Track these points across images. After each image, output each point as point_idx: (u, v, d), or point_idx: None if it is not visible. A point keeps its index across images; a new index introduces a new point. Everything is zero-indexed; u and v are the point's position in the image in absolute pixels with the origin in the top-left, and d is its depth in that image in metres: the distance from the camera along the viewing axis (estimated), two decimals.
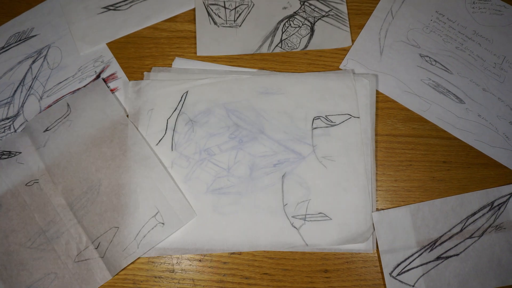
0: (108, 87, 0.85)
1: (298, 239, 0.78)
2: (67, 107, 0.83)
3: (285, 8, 0.91)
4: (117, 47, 0.89)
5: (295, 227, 0.78)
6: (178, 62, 0.87)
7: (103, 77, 0.87)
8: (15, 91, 0.86)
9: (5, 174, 0.80)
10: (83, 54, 0.88)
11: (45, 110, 0.84)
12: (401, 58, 0.87)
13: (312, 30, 0.90)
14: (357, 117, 0.82)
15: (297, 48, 0.88)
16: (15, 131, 0.84)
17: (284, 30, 0.90)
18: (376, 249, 0.78)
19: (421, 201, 0.80)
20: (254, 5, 0.91)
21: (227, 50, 0.89)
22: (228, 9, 0.91)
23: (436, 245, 0.76)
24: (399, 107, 0.85)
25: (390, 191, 0.81)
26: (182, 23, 0.91)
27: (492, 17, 0.90)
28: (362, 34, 0.89)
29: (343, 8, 0.91)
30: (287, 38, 0.89)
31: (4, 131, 0.84)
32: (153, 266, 0.78)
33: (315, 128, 0.82)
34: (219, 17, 0.90)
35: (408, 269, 0.76)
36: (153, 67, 0.87)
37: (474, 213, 0.78)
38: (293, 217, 0.78)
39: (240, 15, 0.90)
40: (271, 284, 0.77)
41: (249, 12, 0.91)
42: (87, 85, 0.86)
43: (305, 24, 0.90)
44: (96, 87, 0.85)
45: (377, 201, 0.81)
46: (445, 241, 0.77)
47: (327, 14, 0.90)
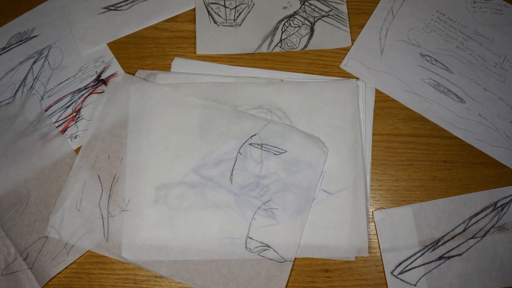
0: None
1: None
2: None
3: (285, 7, 0.91)
4: (117, 47, 0.89)
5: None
6: (177, 62, 0.87)
7: (103, 77, 0.87)
8: (16, 91, 0.86)
9: None
10: (84, 54, 0.88)
11: None
12: (402, 58, 0.87)
13: (312, 30, 0.90)
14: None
15: (296, 48, 0.88)
16: None
17: (284, 30, 0.90)
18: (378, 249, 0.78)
19: (422, 201, 0.80)
20: (254, 4, 0.91)
21: (226, 49, 0.89)
22: (228, 8, 0.91)
23: (439, 244, 0.76)
24: (399, 106, 0.85)
25: (391, 191, 0.81)
26: (183, 23, 0.91)
27: (492, 16, 0.90)
28: (363, 34, 0.89)
29: (343, 8, 0.91)
30: (286, 38, 0.89)
31: None
32: None
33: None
34: (219, 16, 0.90)
35: (410, 268, 0.76)
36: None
37: (477, 214, 0.78)
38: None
39: (240, 14, 0.90)
40: None
41: (249, 12, 0.91)
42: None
43: (305, 24, 0.90)
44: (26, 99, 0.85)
45: (378, 200, 0.80)
46: (447, 241, 0.76)
47: (327, 14, 0.90)
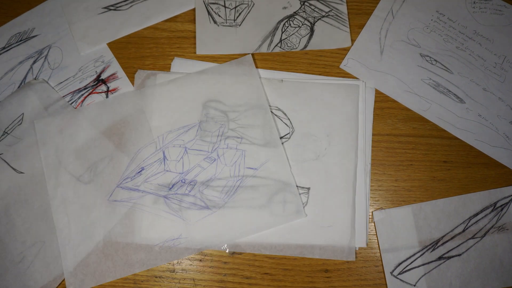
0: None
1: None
2: None
3: (285, 8, 0.91)
4: (117, 47, 0.89)
5: None
6: (177, 62, 0.87)
7: (103, 77, 0.87)
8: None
9: None
10: (84, 54, 0.88)
11: None
12: (402, 58, 0.87)
13: (312, 30, 0.90)
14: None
15: (296, 48, 0.88)
16: None
17: (284, 30, 0.90)
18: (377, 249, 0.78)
19: (421, 201, 0.80)
20: (254, 4, 0.91)
21: (226, 49, 0.89)
22: (228, 8, 0.91)
23: (438, 245, 0.76)
24: (399, 106, 0.85)
25: (391, 191, 0.81)
26: (183, 23, 0.91)
27: (492, 17, 0.90)
28: (363, 34, 0.89)
29: (343, 8, 0.91)
30: (286, 38, 0.89)
31: None
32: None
33: None
34: (219, 16, 0.90)
35: (410, 269, 0.76)
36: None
37: (477, 214, 0.78)
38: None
39: (240, 14, 0.90)
40: (271, 284, 0.77)
41: (249, 12, 0.91)
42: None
43: (305, 24, 0.90)
44: None
45: (377, 200, 0.81)
46: (447, 241, 0.76)
47: (327, 14, 0.90)
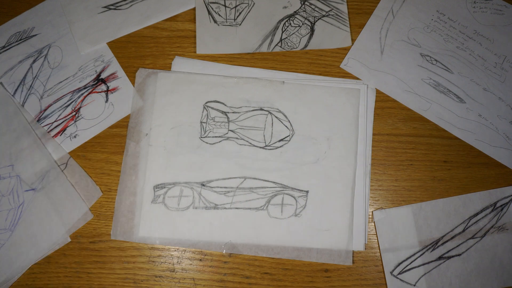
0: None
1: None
2: None
3: (285, 7, 0.91)
4: (117, 46, 0.89)
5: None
6: (178, 61, 0.87)
7: (103, 76, 0.87)
8: (16, 90, 0.86)
9: None
10: (84, 53, 0.88)
11: None
12: (402, 58, 0.87)
13: (312, 30, 0.90)
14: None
15: (296, 48, 0.88)
16: None
17: (284, 30, 0.90)
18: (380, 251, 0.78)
19: (422, 201, 0.80)
20: (254, 4, 0.91)
21: (226, 48, 0.88)
22: (229, 7, 0.91)
23: (438, 245, 0.76)
24: (399, 106, 0.85)
25: (391, 191, 0.81)
26: (183, 23, 0.90)
27: (493, 16, 0.90)
28: (363, 34, 0.89)
29: (344, 8, 0.91)
30: (287, 38, 0.89)
31: None
32: (153, 266, 0.78)
33: None
34: (219, 15, 0.90)
35: (410, 268, 0.76)
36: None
37: (477, 214, 0.78)
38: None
39: (240, 13, 0.90)
40: (271, 283, 0.77)
41: (249, 11, 0.91)
42: None
43: (305, 23, 0.90)
44: None
45: (377, 200, 0.81)
46: (447, 241, 0.77)
47: (327, 14, 0.90)
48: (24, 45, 0.89)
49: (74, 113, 0.85)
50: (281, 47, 0.88)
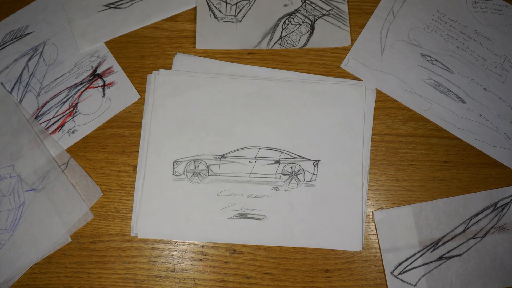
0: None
1: None
2: None
3: (286, 5, 0.91)
4: (118, 46, 0.89)
5: None
6: (179, 58, 0.87)
7: (99, 71, 0.87)
8: (12, 88, 0.86)
9: None
10: (83, 51, 0.88)
11: None
12: (402, 58, 0.87)
13: (312, 29, 0.89)
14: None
15: (296, 46, 0.88)
16: None
17: (284, 27, 0.89)
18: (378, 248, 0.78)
19: (422, 201, 0.80)
20: (255, 1, 0.91)
21: (226, 44, 0.88)
22: (229, 4, 0.90)
23: (439, 245, 0.77)
24: (400, 106, 0.85)
25: (391, 191, 0.81)
26: (183, 23, 0.90)
27: (493, 16, 0.90)
28: (363, 33, 0.89)
29: (344, 7, 0.90)
30: (286, 35, 0.89)
31: None
32: (154, 266, 0.78)
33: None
34: (220, 11, 0.90)
35: (410, 269, 0.76)
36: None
37: (477, 214, 0.78)
38: None
39: (241, 10, 0.90)
40: (272, 283, 0.77)
41: (250, 8, 0.90)
42: None
43: (306, 22, 0.90)
44: None
45: (378, 200, 0.81)
46: (447, 241, 0.77)
47: (327, 13, 0.90)
48: (19, 43, 0.89)
49: (72, 108, 0.85)
50: (280, 44, 0.88)
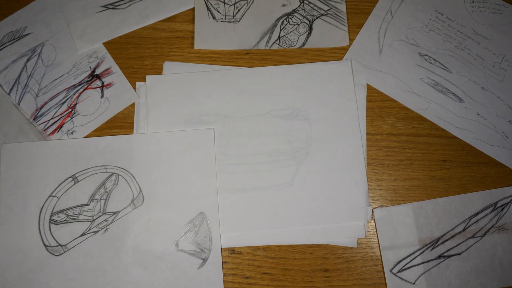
0: None
1: None
2: None
3: (284, 5, 0.91)
4: (116, 47, 0.89)
5: None
6: (168, 66, 0.87)
7: (97, 72, 0.87)
8: (11, 89, 0.86)
9: None
10: (82, 52, 0.88)
11: None
12: (401, 57, 0.87)
13: (310, 28, 0.89)
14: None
15: (294, 46, 0.88)
16: None
17: (282, 27, 0.89)
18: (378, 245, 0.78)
19: (421, 200, 0.80)
20: (253, 1, 0.91)
21: (225, 44, 0.88)
22: (228, 4, 0.91)
23: (438, 243, 0.77)
24: (398, 106, 0.85)
25: (390, 190, 0.81)
26: (182, 23, 0.90)
27: (491, 16, 0.90)
28: (361, 33, 0.89)
29: (342, 7, 0.91)
30: (285, 35, 0.89)
31: None
32: None
33: None
34: (218, 12, 0.90)
35: (409, 267, 0.76)
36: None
37: (477, 213, 0.78)
38: None
39: (239, 10, 0.90)
40: (271, 283, 0.77)
41: (248, 8, 0.90)
42: None
43: (304, 22, 0.90)
44: None
45: (377, 200, 0.81)
46: (447, 240, 0.77)
47: (326, 13, 0.90)
48: (17, 44, 0.89)
49: (70, 109, 0.85)
50: (279, 44, 0.88)
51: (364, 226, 0.78)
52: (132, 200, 0.78)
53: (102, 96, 0.86)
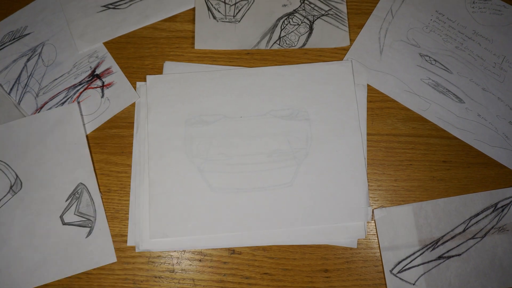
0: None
1: None
2: None
3: (285, 5, 0.91)
4: (117, 47, 0.89)
5: None
6: (169, 66, 0.87)
7: (98, 72, 0.87)
8: (11, 89, 0.86)
9: None
10: (82, 52, 0.88)
11: None
12: (401, 58, 0.87)
13: (311, 29, 0.89)
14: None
15: (295, 46, 0.88)
16: None
17: (283, 28, 0.89)
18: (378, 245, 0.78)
19: (421, 201, 0.80)
20: (254, 1, 0.91)
21: (225, 44, 0.88)
22: (228, 4, 0.91)
23: (438, 244, 0.77)
24: (399, 106, 0.85)
25: (390, 191, 0.81)
26: (182, 23, 0.90)
27: (492, 17, 0.90)
28: (362, 34, 0.89)
29: (343, 7, 0.90)
30: (285, 36, 0.89)
31: None
32: (153, 266, 0.77)
33: None
34: (219, 12, 0.90)
35: (409, 267, 0.76)
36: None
37: (477, 214, 0.78)
38: None
39: (239, 10, 0.90)
40: (271, 284, 0.77)
41: (248, 8, 0.90)
42: None
43: (304, 22, 0.90)
44: None
45: (377, 200, 0.81)
46: (447, 241, 0.77)
47: (326, 13, 0.90)
48: (17, 44, 0.89)
49: None
50: (279, 44, 0.88)
51: (364, 226, 0.78)
52: (11, 187, 0.79)
53: (103, 96, 0.86)
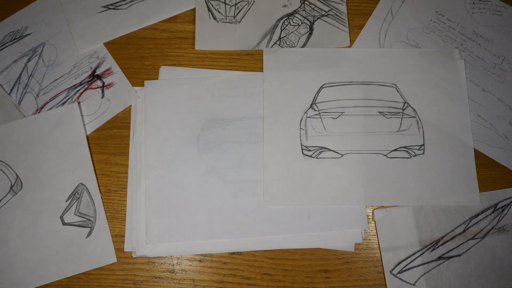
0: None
1: None
2: None
3: (285, 6, 0.91)
4: (117, 47, 0.89)
5: None
6: (164, 71, 0.87)
7: (98, 72, 0.87)
8: (12, 89, 0.86)
9: None
10: (82, 52, 0.88)
11: None
12: None
13: (311, 29, 0.90)
14: None
15: (295, 46, 0.88)
16: None
17: (283, 28, 0.89)
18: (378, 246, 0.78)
19: None
20: (254, 2, 0.91)
21: (225, 45, 0.89)
22: (229, 5, 0.91)
23: (438, 245, 0.77)
24: None
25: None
26: (182, 24, 0.90)
27: (491, 17, 0.90)
28: (362, 34, 0.89)
29: (343, 8, 0.91)
30: (285, 36, 0.89)
31: None
32: (153, 267, 0.77)
33: None
34: (219, 12, 0.90)
35: (409, 268, 0.76)
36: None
37: (477, 215, 0.78)
38: None
39: (240, 11, 0.90)
40: (271, 284, 0.77)
41: (249, 9, 0.91)
42: None
43: (304, 22, 0.90)
44: None
45: None
46: (447, 241, 0.77)
47: (326, 13, 0.90)
48: (18, 44, 0.89)
49: None
50: (279, 45, 0.88)
51: (362, 232, 0.78)
52: (11, 187, 0.79)
53: (103, 96, 0.86)
